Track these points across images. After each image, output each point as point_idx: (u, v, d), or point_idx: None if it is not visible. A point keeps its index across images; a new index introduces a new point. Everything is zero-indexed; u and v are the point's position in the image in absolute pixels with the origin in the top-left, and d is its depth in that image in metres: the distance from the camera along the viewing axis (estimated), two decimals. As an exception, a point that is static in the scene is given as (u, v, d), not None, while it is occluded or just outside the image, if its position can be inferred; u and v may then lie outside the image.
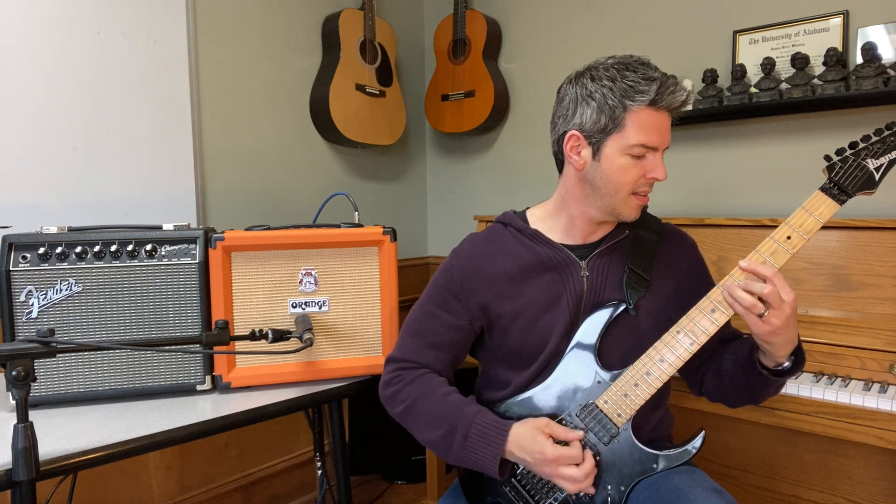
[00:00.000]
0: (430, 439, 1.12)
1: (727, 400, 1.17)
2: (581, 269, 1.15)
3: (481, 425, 1.07)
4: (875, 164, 1.02)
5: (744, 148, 1.97)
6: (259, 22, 2.17)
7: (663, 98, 1.03)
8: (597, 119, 1.06)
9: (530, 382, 1.15)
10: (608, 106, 1.05)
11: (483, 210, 2.68)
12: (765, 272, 0.96)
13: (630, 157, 1.06)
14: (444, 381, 1.17)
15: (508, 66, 2.55)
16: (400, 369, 1.19)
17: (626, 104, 1.04)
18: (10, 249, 1.25)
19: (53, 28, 1.66)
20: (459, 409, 1.09)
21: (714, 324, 1.03)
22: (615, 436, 1.07)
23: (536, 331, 1.14)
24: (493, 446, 1.05)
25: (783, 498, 1.77)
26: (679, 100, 1.05)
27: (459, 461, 1.09)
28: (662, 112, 1.06)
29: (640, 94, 1.03)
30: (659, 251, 1.19)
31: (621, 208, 1.10)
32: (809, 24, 1.81)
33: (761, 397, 1.13)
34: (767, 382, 1.07)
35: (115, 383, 1.29)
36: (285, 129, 2.27)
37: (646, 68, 1.06)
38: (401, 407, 1.16)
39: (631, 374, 1.07)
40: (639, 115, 1.04)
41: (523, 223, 1.21)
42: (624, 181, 1.07)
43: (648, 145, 1.05)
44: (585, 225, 1.17)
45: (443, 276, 1.22)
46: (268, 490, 2.24)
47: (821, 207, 1.02)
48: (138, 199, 1.84)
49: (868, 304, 1.55)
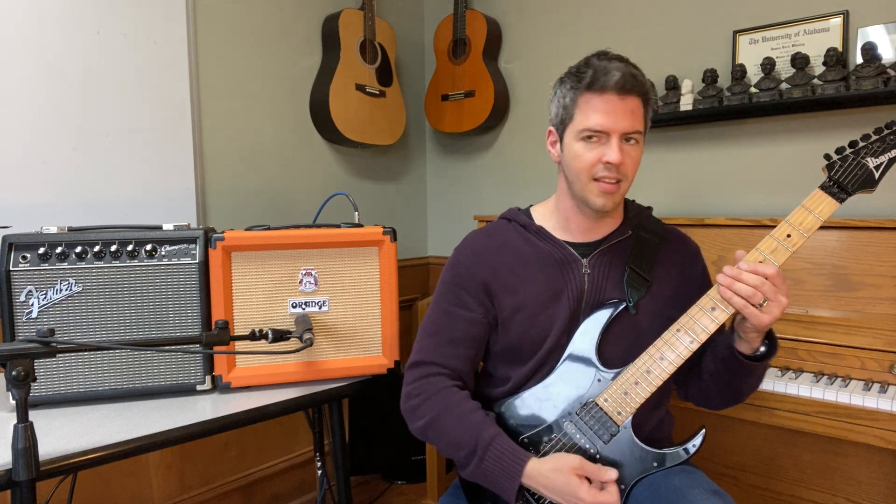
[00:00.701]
0: (450, 455, 1.12)
1: (710, 399, 1.18)
2: (583, 267, 1.16)
3: (497, 452, 1.05)
4: (875, 162, 1.02)
5: (744, 148, 1.97)
6: (259, 22, 2.17)
7: (598, 79, 1.06)
8: (557, 112, 1.14)
9: (529, 379, 1.16)
10: (562, 98, 1.13)
11: (483, 210, 2.68)
12: (766, 271, 0.98)
13: (583, 142, 1.09)
14: (466, 396, 1.15)
15: (508, 66, 2.55)
16: (420, 378, 1.17)
17: (572, 94, 1.10)
18: (10, 249, 1.25)
19: (53, 28, 1.66)
20: (478, 431, 1.08)
21: (714, 322, 1.03)
22: (615, 434, 1.07)
23: (537, 326, 1.14)
24: (509, 477, 1.03)
25: (783, 498, 1.77)
26: (612, 80, 1.06)
27: (479, 481, 1.09)
28: (608, 94, 1.07)
29: (579, 81, 1.09)
30: (661, 253, 1.19)
31: (587, 195, 1.11)
32: (809, 24, 1.81)
33: (745, 390, 1.14)
34: (748, 370, 1.09)
35: (115, 383, 1.29)
36: (285, 128, 2.27)
37: (594, 57, 1.10)
38: (421, 422, 1.14)
39: (631, 373, 1.07)
40: (584, 100, 1.09)
41: (528, 220, 1.23)
42: (580, 167, 1.10)
43: (594, 128, 1.07)
44: (579, 220, 1.18)
45: (450, 274, 1.22)
46: (268, 490, 2.24)
47: (820, 206, 1.02)
48: (138, 199, 1.84)
49: (868, 304, 1.55)
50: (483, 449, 1.05)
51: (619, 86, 1.06)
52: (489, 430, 1.08)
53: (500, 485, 1.04)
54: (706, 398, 1.18)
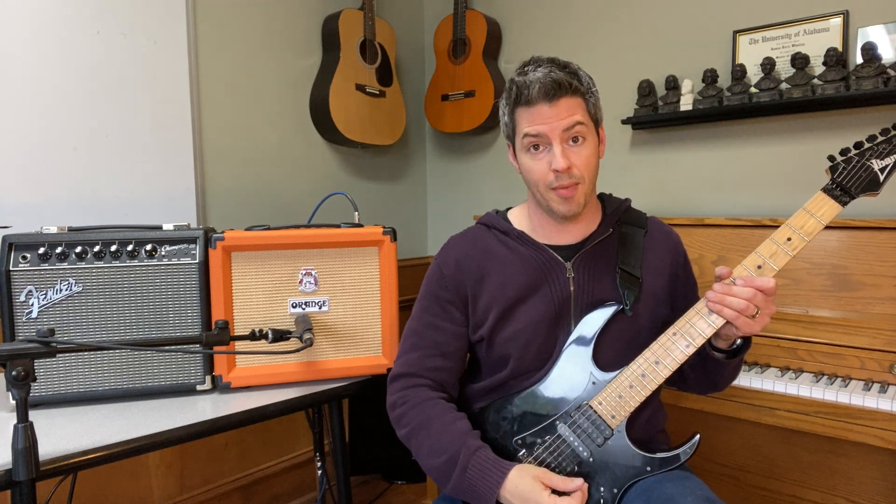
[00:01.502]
0: (431, 465, 1.10)
1: (688, 386, 1.22)
2: (566, 271, 1.15)
3: (481, 461, 1.05)
4: (880, 164, 1.00)
5: (744, 148, 1.97)
6: (259, 22, 2.17)
7: (521, 94, 1.07)
8: (504, 128, 1.16)
9: (519, 380, 1.15)
10: (503, 116, 1.14)
11: (483, 210, 2.65)
12: (763, 283, 0.99)
13: (529, 153, 1.10)
14: (451, 407, 1.15)
15: (508, 66, 2.55)
16: (405, 388, 1.17)
17: (508, 110, 1.12)
18: (10, 249, 1.25)
19: (53, 28, 1.66)
20: (463, 440, 1.07)
21: (711, 326, 1.02)
22: (609, 437, 1.07)
23: (521, 333, 1.13)
24: (491, 485, 1.03)
25: (783, 498, 1.77)
26: (534, 91, 1.05)
27: (457, 492, 1.07)
28: (537, 105, 1.06)
29: (508, 98, 1.11)
30: (646, 246, 1.19)
31: (549, 204, 1.11)
32: (809, 24, 1.81)
33: (720, 381, 1.16)
34: (724, 365, 1.11)
35: (115, 383, 1.29)
36: (285, 128, 2.27)
37: (517, 71, 1.11)
38: (405, 430, 1.14)
39: (626, 376, 1.06)
40: (518, 115, 1.10)
41: (508, 224, 1.21)
42: (534, 178, 1.10)
43: (531, 133, 1.07)
44: (550, 225, 1.17)
45: (435, 285, 1.21)
46: (268, 490, 2.24)
47: (822, 209, 1.00)
48: (138, 199, 1.84)
49: (868, 304, 1.55)
50: (467, 457, 1.05)
51: (543, 94, 1.05)
52: (474, 440, 1.08)
53: (482, 495, 1.03)
54: (685, 384, 1.22)
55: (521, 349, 1.14)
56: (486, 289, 1.16)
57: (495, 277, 1.16)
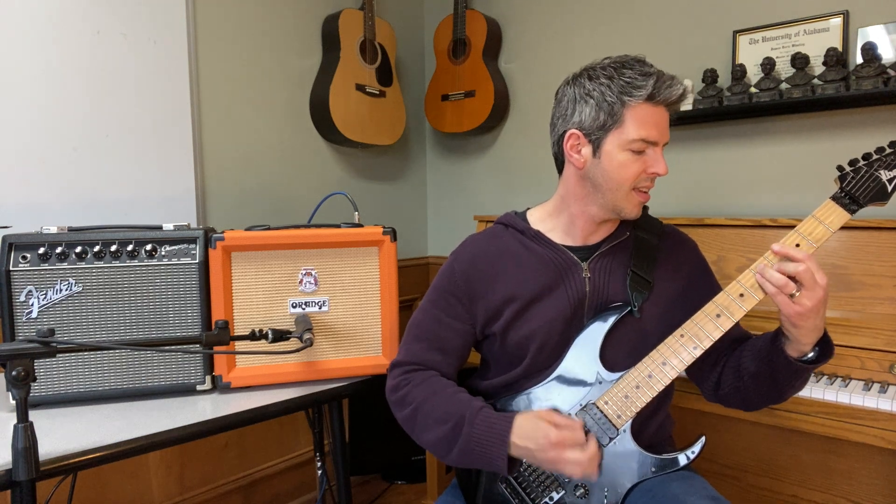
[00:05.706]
0: (437, 436, 1.10)
1: (748, 400, 1.12)
2: (583, 271, 1.15)
3: (487, 415, 1.06)
4: (888, 175, 1.02)
5: (744, 148, 1.97)
6: (259, 22, 2.17)
7: (660, 92, 1.05)
8: (596, 116, 1.08)
9: (528, 377, 1.15)
10: (606, 102, 1.06)
11: (483, 210, 2.68)
12: (798, 255, 0.96)
13: (630, 152, 1.07)
14: (452, 383, 1.17)
15: (508, 66, 2.55)
16: (407, 372, 1.18)
17: (624, 100, 1.05)
18: (10, 249, 1.25)
19: (53, 28, 1.66)
20: (468, 403, 1.09)
21: (719, 329, 1.03)
22: (614, 437, 1.07)
23: (538, 331, 1.14)
24: (501, 433, 1.03)
25: (783, 498, 1.77)
26: (676, 94, 1.06)
27: (464, 456, 1.06)
28: (660, 107, 1.07)
29: (637, 90, 1.04)
30: (660, 253, 1.19)
31: (623, 205, 1.10)
32: (809, 24, 1.81)
33: (787, 390, 1.08)
34: (794, 371, 1.03)
35: (115, 383, 1.29)
36: (285, 129, 2.27)
37: (642, 65, 1.07)
38: (409, 408, 1.15)
39: (633, 376, 1.06)
40: (637, 110, 1.05)
41: (525, 224, 1.21)
42: (625, 177, 1.08)
43: (648, 139, 1.06)
44: (586, 224, 1.17)
45: (446, 280, 1.21)
46: (268, 490, 2.24)
47: (831, 216, 1.02)
48: (138, 199, 1.84)
49: (868, 304, 1.55)
50: (473, 414, 1.06)
51: (674, 101, 1.07)
52: (478, 401, 1.10)
53: (491, 447, 1.03)
54: (745, 400, 1.13)
55: (538, 347, 1.14)
56: (500, 286, 1.17)
57: (511, 275, 1.17)
